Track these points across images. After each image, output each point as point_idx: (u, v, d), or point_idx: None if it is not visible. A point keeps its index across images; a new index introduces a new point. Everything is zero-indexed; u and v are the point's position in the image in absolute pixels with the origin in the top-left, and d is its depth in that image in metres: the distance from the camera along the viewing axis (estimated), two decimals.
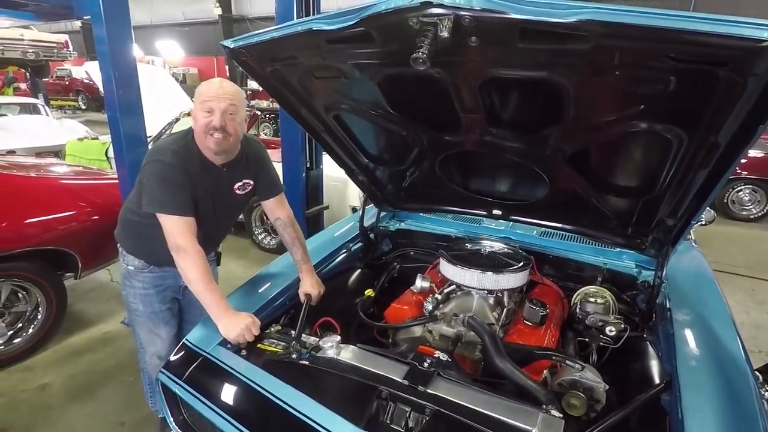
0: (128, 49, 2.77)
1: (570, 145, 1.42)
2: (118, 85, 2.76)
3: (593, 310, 1.76)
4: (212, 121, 1.60)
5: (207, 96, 1.61)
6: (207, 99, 1.61)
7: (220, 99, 1.60)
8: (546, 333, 1.69)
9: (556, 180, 1.68)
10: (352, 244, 2.35)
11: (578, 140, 1.38)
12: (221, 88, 1.63)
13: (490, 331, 1.56)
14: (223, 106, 1.60)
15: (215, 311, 1.58)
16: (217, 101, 1.60)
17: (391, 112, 1.54)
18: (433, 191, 2.16)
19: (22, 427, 2.36)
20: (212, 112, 1.60)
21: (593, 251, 2.18)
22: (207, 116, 1.61)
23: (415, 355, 1.45)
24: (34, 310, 2.96)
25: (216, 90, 1.62)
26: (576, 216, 1.94)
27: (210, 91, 1.62)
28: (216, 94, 1.61)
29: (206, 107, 1.61)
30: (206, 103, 1.61)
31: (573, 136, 1.37)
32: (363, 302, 2.04)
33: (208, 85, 1.65)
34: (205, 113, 1.61)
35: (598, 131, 1.30)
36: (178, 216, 1.62)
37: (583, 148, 1.44)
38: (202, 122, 1.62)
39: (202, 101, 1.62)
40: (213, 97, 1.61)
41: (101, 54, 2.75)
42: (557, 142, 1.41)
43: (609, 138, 1.34)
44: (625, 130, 1.26)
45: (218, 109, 1.60)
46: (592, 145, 1.43)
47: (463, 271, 1.82)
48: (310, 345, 1.55)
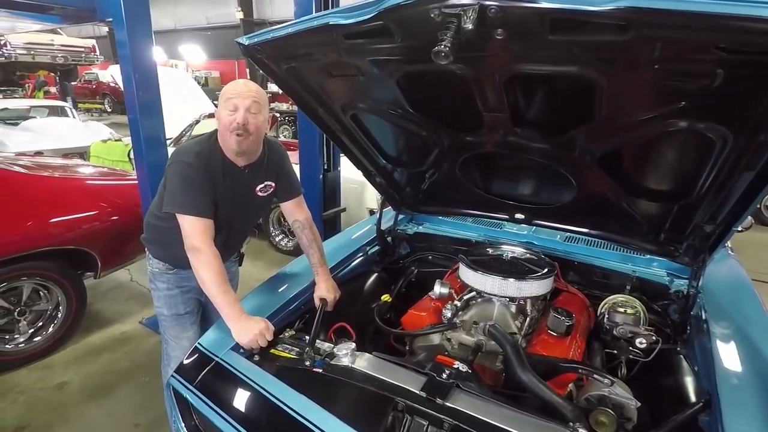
0: (148, 51, 2.79)
1: (600, 147, 1.34)
2: (138, 87, 2.78)
3: (622, 321, 1.67)
4: (235, 119, 1.59)
5: (231, 94, 1.61)
6: (231, 96, 1.60)
7: (243, 96, 1.59)
8: (572, 344, 1.60)
9: (584, 183, 1.60)
10: (368, 248, 2.30)
11: (610, 141, 1.30)
12: (245, 86, 1.63)
13: (513, 341, 1.49)
14: (247, 103, 1.59)
15: (228, 314, 1.55)
16: (240, 99, 1.59)
17: (410, 111, 1.48)
18: (453, 194, 2.09)
19: (39, 426, 2.38)
20: (236, 110, 1.59)
21: (621, 258, 2.07)
22: (231, 114, 1.60)
23: (434, 366, 1.39)
24: (54, 309, 3.00)
25: (240, 88, 1.62)
26: (604, 221, 1.85)
27: (234, 90, 1.62)
28: (240, 92, 1.60)
29: (230, 105, 1.60)
30: (230, 100, 1.60)
31: (604, 137, 1.28)
32: (379, 308, 1.98)
33: (233, 85, 1.65)
34: (228, 111, 1.60)
35: (632, 131, 1.22)
36: (195, 217, 1.60)
37: (615, 150, 1.35)
38: (225, 120, 1.61)
39: (227, 99, 1.61)
40: (237, 95, 1.60)
41: (122, 56, 2.77)
42: (586, 143, 1.33)
43: (643, 138, 1.25)
44: (662, 129, 1.18)
45: (242, 106, 1.59)
46: (625, 146, 1.34)
47: (484, 277, 1.75)
48: (324, 352, 1.50)
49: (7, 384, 2.70)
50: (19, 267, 2.76)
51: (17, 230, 2.75)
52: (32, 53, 10.93)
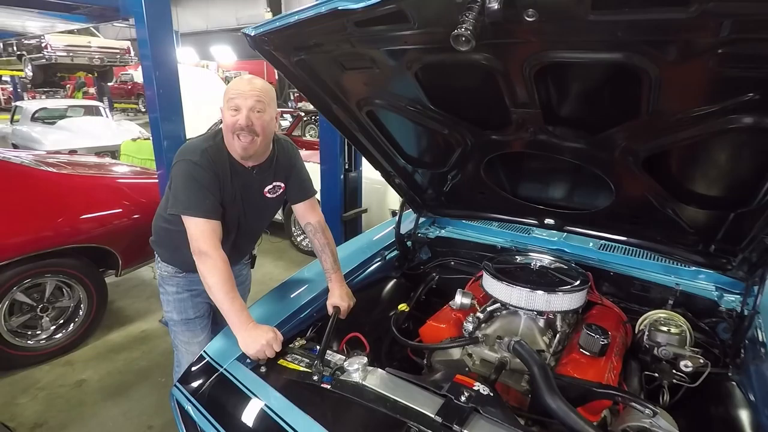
0: (169, 49, 2.76)
1: (646, 147, 1.18)
2: (159, 85, 2.76)
3: (665, 341, 1.50)
4: (238, 120, 1.50)
5: (233, 93, 1.52)
6: (233, 96, 1.51)
7: (246, 96, 1.50)
8: (606, 365, 1.44)
9: (624, 187, 1.44)
10: (387, 252, 2.19)
11: (657, 140, 1.14)
12: (249, 84, 1.53)
13: (540, 361, 1.34)
14: (250, 103, 1.50)
15: (235, 322, 1.47)
16: (243, 98, 1.50)
17: (430, 107, 1.36)
18: (477, 196, 1.95)
19: (56, 424, 2.38)
20: (239, 110, 1.51)
21: (662, 269, 1.89)
22: (233, 114, 1.52)
23: (452, 386, 1.26)
24: (76, 306, 3.02)
25: (243, 86, 1.52)
26: (645, 228, 1.68)
27: (237, 88, 1.52)
28: (242, 91, 1.51)
29: (232, 105, 1.51)
30: (232, 100, 1.51)
31: (651, 136, 1.13)
32: (396, 317, 1.86)
33: (236, 83, 1.56)
34: (231, 111, 1.52)
35: (685, 128, 1.06)
36: (203, 219, 1.53)
37: (662, 150, 1.19)
38: (228, 121, 1.53)
39: (228, 99, 1.52)
40: (239, 94, 1.51)
41: (143, 55, 2.76)
42: (629, 143, 1.18)
43: (698, 137, 1.09)
44: (722, 126, 1.01)
45: (245, 106, 1.50)
46: (674, 147, 1.18)
47: (510, 288, 1.60)
48: (335, 365, 1.40)
49: (29, 379, 2.73)
50: (43, 264, 2.79)
51: (41, 227, 2.78)
52: (71, 55, 11.36)
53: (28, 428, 2.34)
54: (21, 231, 2.70)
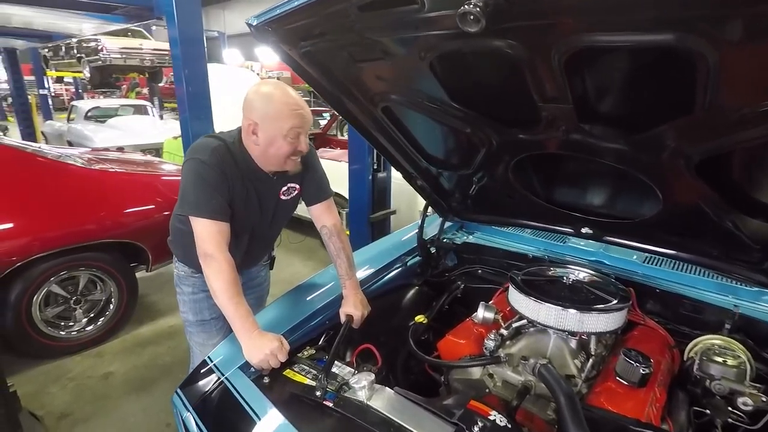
0: (198, 47, 2.79)
1: (700, 148, 0.99)
2: (188, 83, 2.78)
3: (720, 374, 1.30)
4: (298, 146, 1.46)
5: (291, 121, 1.41)
6: (295, 126, 1.42)
7: (304, 121, 1.44)
8: (647, 397, 1.26)
9: (673, 194, 1.25)
10: (408, 258, 2.07)
11: (715, 141, 0.95)
12: (300, 108, 1.43)
13: (568, 389, 1.18)
14: (307, 128, 1.46)
15: (239, 329, 1.40)
16: (302, 124, 1.44)
17: (450, 103, 1.23)
18: (506, 201, 1.80)
19: (81, 416, 2.43)
20: (298, 138, 1.45)
21: (718, 287, 1.66)
22: (292, 143, 1.45)
23: (464, 414, 1.13)
24: (107, 300, 3.09)
25: (298, 113, 1.42)
26: (698, 242, 1.47)
27: (293, 116, 1.41)
28: (301, 120, 1.43)
29: (293, 134, 1.43)
30: (294, 130, 1.43)
31: (707, 135, 0.95)
32: (415, 328, 1.74)
33: (290, 104, 1.41)
34: (290, 140, 1.44)
35: (750, 127, 0.87)
36: (209, 219, 1.47)
37: (721, 153, 1.00)
38: (286, 150, 1.46)
39: (290, 127, 1.41)
40: (299, 123, 1.42)
41: (174, 56, 2.80)
42: (681, 144, 1.00)
43: (764, 137, 0.90)
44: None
45: (304, 132, 1.46)
46: (736, 148, 0.99)
47: (538, 304, 1.45)
48: (342, 380, 1.30)
49: (61, 369, 2.81)
50: (78, 257, 2.87)
51: (76, 222, 2.86)
52: (124, 57, 11.91)
53: (55, 418, 2.39)
54: (58, 225, 2.79)
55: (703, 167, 1.07)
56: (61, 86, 20.52)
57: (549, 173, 1.61)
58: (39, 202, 2.77)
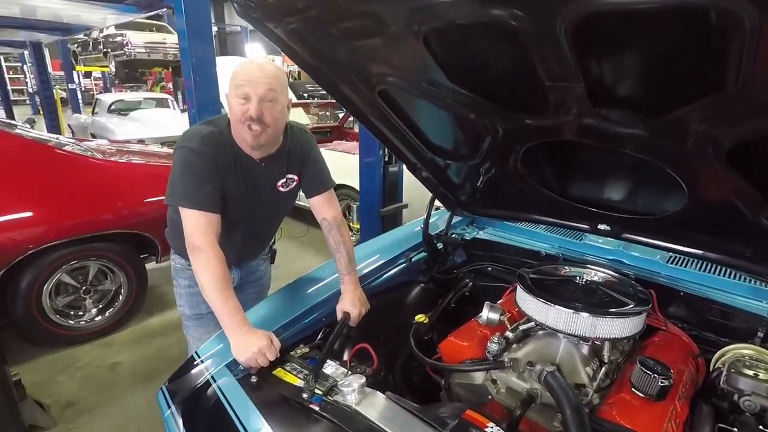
0: (205, 38, 2.78)
1: (732, 134, 0.86)
2: (195, 73, 2.75)
3: (750, 389, 1.16)
4: (248, 110, 1.37)
5: (242, 80, 1.37)
6: (242, 83, 1.37)
7: (257, 84, 1.36)
8: (666, 412, 1.14)
9: (701, 187, 1.12)
10: (413, 254, 1.97)
11: (749, 124, 0.82)
12: (260, 70, 1.38)
13: (575, 401, 1.07)
14: (261, 91, 1.36)
15: (228, 325, 1.34)
16: (253, 86, 1.36)
17: (449, 85, 1.12)
18: (517, 194, 1.68)
19: (87, 405, 2.43)
20: (248, 99, 1.37)
21: (751, 291, 1.51)
22: (242, 104, 1.38)
23: (458, 425, 1.04)
24: (117, 290, 3.10)
25: (253, 73, 1.37)
26: (729, 241, 1.33)
27: (246, 74, 1.38)
28: (252, 78, 1.36)
29: (241, 93, 1.37)
30: (241, 88, 1.37)
31: (740, 117, 0.81)
32: (417, 328, 1.65)
33: (246, 67, 1.40)
34: (239, 100, 1.38)
35: None
36: (198, 211, 1.41)
37: (756, 138, 0.87)
38: (236, 111, 1.40)
39: (237, 85, 1.38)
40: (248, 82, 1.36)
41: (182, 48, 2.79)
42: (709, 128, 0.87)
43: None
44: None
45: (255, 95, 1.36)
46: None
47: (547, 306, 1.33)
48: (333, 381, 1.23)
49: (70, 358, 2.83)
50: (88, 247, 2.89)
51: (87, 212, 2.87)
52: (148, 51, 12.14)
53: (61, 407, 2.40)
54: (68, 215, 2.80)
55: (734, 156, 0.93)
56: (91, 81, 21.10)
57: (562, 164, 1.48)
58: (50, 192, 2.79)
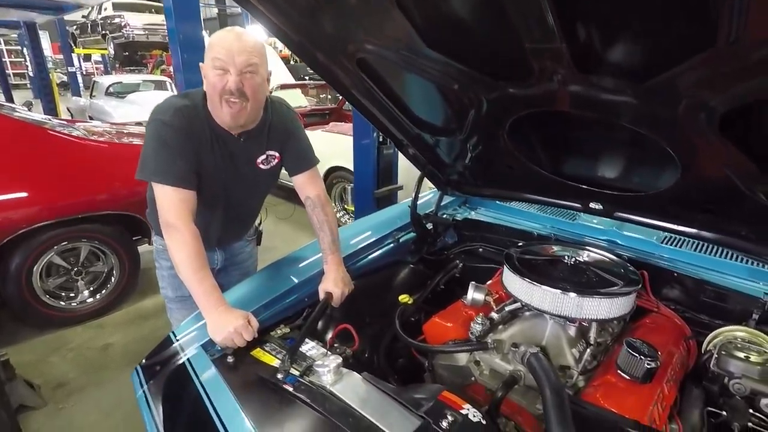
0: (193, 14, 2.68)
1: (724, 96, 0.80)
2: (183, 50, 2.69)
3: (740, 371, 1.12)
4: (227, 83, 1.31)
5: (219, 51, 1.30)
6: (219, 54, 1.30)
7: (236, 54, 1.29)
8: (652, 395, 1.10)
9: (694, 160, 1.06)
10: (401, 234, 1.92)
11: (742, 85, 0.76)
12: (238, 41, 1.30)
13: (556, 383, 1.03)
14: (240, 63, 1.29)
15: (203, 304, 1.31)
16: (231, 57, 1.29)
17: (427, 52, 1.05)
18: (507, 172, 1.62)
19: (77, 386, 2.43)
20: (226, 71, 1.30)
21: (748, 272, 1.46)
22: (219, 76, 1.31)
23: (433, 407, 1.00)
24: (109, 272, 3.08)
25: (232, 43, 1.30)
26: (724, 219, 1.27)
27: (223, 44, 1.30)
28: (230, 48, 1.29)
29: (218, 64, 1.30)
30: (218, 59, 1.30)
31: (732, 77, 0.75)
32: (404, 309, 1.61)
33: (222, 37, 1.33)
34: (217, 72, 1.31)
35: None
36: (171, 187, 1.36)
37: (750, 101, 0.80)
38: (214, 83, 1.33)
39: (214, 56, 1.30)
40: (226, 52, 1.29)
41: (170, 30, 2.76)
42: (699, 91, 0.81)
43: None
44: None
45: (233, 67, 1.30)
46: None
47: (532, 286, 1.29)
48: (310, 362, 1.19)
49: (62, 339, 2.83)
50: (79, 228, 2.85)
51: (78, 193, 2.83)
52: (147, 33, 11.99)
53: (52, 387, 2.40)
54: (58, 196, 2.76)
55: (728, 124, 0.87)
56: (92, 64, 20.96)
57: (552, 141, 1.42)
58: (40, 172, 2.74)
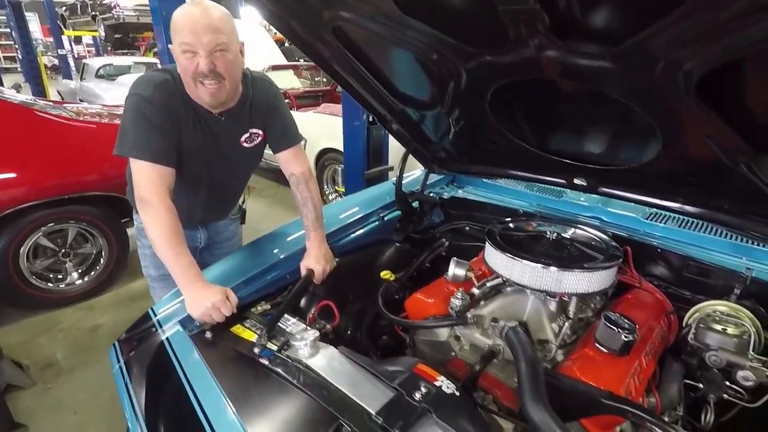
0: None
1: (699, 58, 0.77)
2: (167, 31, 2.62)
3: (717, 343, 1.12)
4: (198, 66, 1.26)
5: (185, 34, 1.23)
6: (185, 38, 1.24)
7: (202, 32, 1.23)
8: (629, 367, 1.10)
9: (674, 128, 1.03)
10: (386, 212, 1.91)
11: (716, 43, 0.73)
12: (203, 16, 1.24)
13: (531, 355, 1.03)
14: (208, 43, 1.24)
15: (181, 281, 1.30)
16: (197, 36, 1.23)
17: (402, 17, 1.02)
18: (491, 147, 1.60)
19: (65, 366, 2.44)
20: (195, 53, 1.25)
21: (732, 248, 1.46)
22: (189, 59, 1.26)
23: (408, 379, 1.00)
24: (98, 254, 3.07)
25: (195, 22, 1.23)
26: (707, 192, 1.26)
27: (188, 22, 1.23)
28: (195, 26, 1.23)
29: (186, 46, 1.25)
30: (185, 41, 1.24)
31: (705, 34, 0.72)
32: (388, 287, 1.60)
33: (186, 13, 1.24)
34: (186, 55, 1.26)
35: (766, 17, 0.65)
36: (149, 162, 1.33)
37: (729, 64, 0.78)
38: (185, 66, 1.28)
39: (180, 41, 1.25)
40: (192, 31, 1.23)
41: (153, 9, 2.70)
42: (674, 52, 0.78)
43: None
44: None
45: (202, 47, 1.24)
46: (750, 57, 0.76)
47: (512, 261, 1.28)
48: (289, 336, 1.19)
49: (52, 320, 2.84)
50: (65, 210, 2.83)
51: (62, 173, 2.80)
52: (137, 14, 11.77)
53: (40, 367, 2.41)
54: (44, 176, 2.73)
55: (708, 91, 0.85)
56: (83, 47, 20.59)
57: (536, 114, 1.39)
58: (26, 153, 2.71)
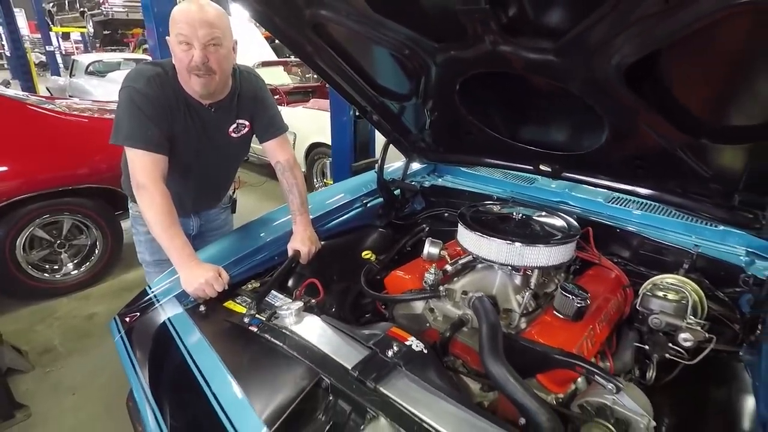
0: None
1: (624, 50, 0.89)
2: (158, 23, 2.71)
3: (658, 308, 1.25)
4: (192, 58, 1.36)
5: (182, 26, 1.34)
6: (182, 30, 1.34)
7: (198, 28, 1.33)
8: (582, 331, 1.23)
9: (614, 117, 1.16)
10: (369, 199, 2.02)
11: (643, 35, 0.84)
12: (200, 12, 1.34)
13: (492, 320, 1.16)
14: (204, 36, 1.34)
15: (176, 259, 1.40)
16: (194, 31, 1.33)
17: (373, 15, 1.13)
18: (465, 138, 1.71)
19: (62, 352, 2.53)
20: (190, 46, 1.35)
21: (684, 228, 1.59)
22: (185, 51, 1.36)
23: (381, 340, 1.12)
24: (92, 245, 3.15)
25: (193, 15, 1.33)
26: (655, 176, 1.39)
27: (186, 18, 1.34)
28: (192, 22, 1.33)
29: (182, 39, 1.35)
30: (181, 34, 1.34)
31: (623, 27, 0.84)
32: (370, 267, 1.72)
33: (184, 9, 1.35)
34: (182, 47, 1.36)
35: (681, 8, 0.76)
36: (144, 151, 1.43)
37: (656, 50, 0.89)
38: (180, 58, 1.39)
39: (177, 33, 1.35)
40: (189, 26, 1.33)
41: (144, 5, 2.75)
42: (602, 44, 0.90)
43: (702, 19, 0.77)
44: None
45: (197, 41, 1.34)
46: (677, 45, 0.87)
47: (480, 239, 1.40)
48: (276, 308, 1.30)
49: (48, 309, 2.91)
50: (60, 202, 2.90)
51: (56, 166, 2.88)
52: (126, 10, 11.72)
53: (38, 353, 2.50)
54: (38, 169, 2.80)
55: (637, 80, 0.97)
56: (72, 44, 20.40)
57: (503, 106, 1.51)
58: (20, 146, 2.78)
